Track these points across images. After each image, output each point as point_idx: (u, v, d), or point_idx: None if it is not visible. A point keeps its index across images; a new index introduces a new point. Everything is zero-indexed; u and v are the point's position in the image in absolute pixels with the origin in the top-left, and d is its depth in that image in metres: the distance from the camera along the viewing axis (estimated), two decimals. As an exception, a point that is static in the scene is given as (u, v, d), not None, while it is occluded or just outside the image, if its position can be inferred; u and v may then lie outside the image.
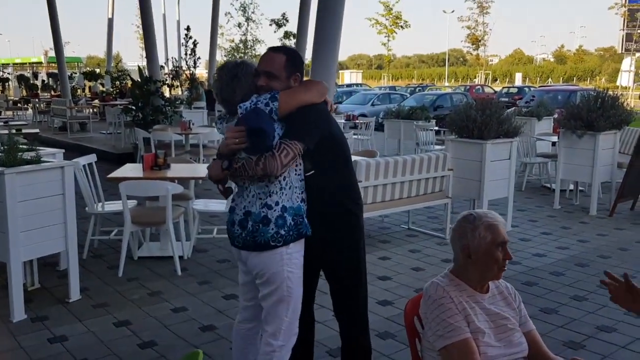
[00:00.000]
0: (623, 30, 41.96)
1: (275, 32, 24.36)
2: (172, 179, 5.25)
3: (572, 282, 4.97)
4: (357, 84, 41.88)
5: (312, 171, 2.51)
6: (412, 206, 6.28)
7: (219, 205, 5.74)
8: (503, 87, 35.50)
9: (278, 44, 22.70)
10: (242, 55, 34.43)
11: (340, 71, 63.94)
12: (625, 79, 38.22)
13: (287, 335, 2.59)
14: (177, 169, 5.76)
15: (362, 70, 73.80)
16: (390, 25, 50.62)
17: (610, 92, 7.72)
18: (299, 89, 2.48)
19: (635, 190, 7.61)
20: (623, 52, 43.23)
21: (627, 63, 39.80)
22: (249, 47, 33.39)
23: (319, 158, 2.51)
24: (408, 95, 24.99)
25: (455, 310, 1.99)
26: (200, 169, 6.06)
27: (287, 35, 23.33)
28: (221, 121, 2.65)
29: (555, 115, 10.16)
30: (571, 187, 8.54)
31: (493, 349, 1.96)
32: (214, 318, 4.16)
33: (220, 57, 30.40)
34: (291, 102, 2.41)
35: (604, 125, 7.17)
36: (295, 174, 2.50)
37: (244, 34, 30.97)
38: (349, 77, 55.66)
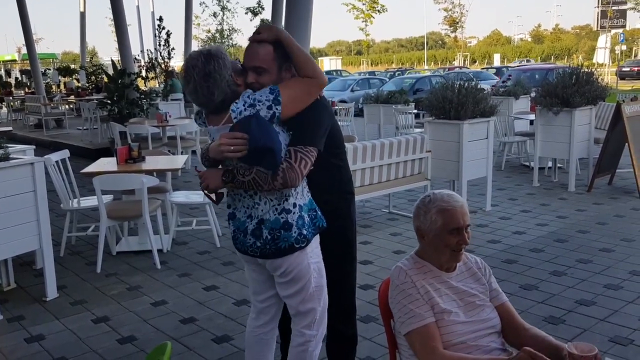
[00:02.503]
0: (598, 7, 42.16)
1: (251, 20, 24.15)
2: (147, 172, 5.17)
3: (551, 258, 5.01)
4: (336, 71, 41.70)
5: (312, 166, 2.35)
6: (392, 189, 6.28)
7: (199, 197, 5.67)
8: (482, 69, 35.60)
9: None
10: (219, 44, 34.23)
11: (319, 58, 63.70)
12: (601, 56, 38.53)
13: (319, 324, 2.52)
14: (153, 161, 5.68)
15: (341, 57, 73.58)
16: (367, 10, 50.47)
17: (585, 68, 7.76)
18: (301, 90, 2.25)
19: (613, 165, 7.69)
20: (598, 29, 43.48)
21: (602, 40, 40.11)
22: (225, 36, 33.10)
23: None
24: (387, 79, 24.93)
25: (416, 296, 1.97)
26: (178, 161, 5.99)
27: (263, 23, 23.12)
28: (200, 115, 2.44)
29: (532, 94, 10.20)
30: (549, 164, 8.60)
31: (462, 326, 1.95)
32: (194, 310, 4.12)
33: (197, 48, 30.10)
34: (295, 108, 2.23)
35: (579, 101, 7.21)
36: None
37: (220, 24, 30.69)
38: (328, 63, 55.41)
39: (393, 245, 5.49)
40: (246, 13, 24.12)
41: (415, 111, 12.08)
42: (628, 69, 37.05)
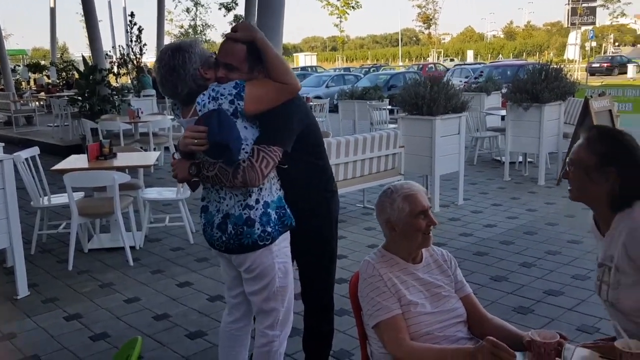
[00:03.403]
0: (568, 4, 42.92)
1: (225, 16, 24.01)
2: (119, 168, 5.12)
3: (521, 250, 5.12)
4: (311, 67, 41.72)
5: (286, 165, 2.35)
6: (366, 184, 6.32)
7: (171, 193, 5.64)
8: (455, 65, 35.96)
9: (228, 28, 22.34)
10: (192, 40, 33.86)
11: (294, 54, 63.59)
12: (571, 52, 39.31)
13: (283, 325, 2.51)
14: (125, 158, 5.63)
15: (316, 53, 73.51)
16: (342, 6, 50.50)
17: (554, 65, 7.91)
18: (269, 91, 2.24)
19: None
20: (569, 26, 44.28)
21: (573, 37, 40.93)
22: (198, 32, 32.79)
23: (294, 149, 2.35)
24: (362, 76, 25.04)
25: (383, 289, 2.00)
26: (150, 157, 5.94)
27: (237, 19, 22.98)
28: (177, 106, 2.44)
29: (504, 90, 10.35)
30: (520, 158, 8.75)
31: (428, 317, 2.00)
32: (167, 306, 4.11)
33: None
34: (260, 107, 2.22)
35: (549, 96, 7.35)
36: None
37: (193, 19, 30.41)
38: (303, 59, 55.37)
39: (367, 240, 5.54)
40: (219, 9, 23.96)
41: (390, 107, 12.14)
42: (598, 65, 37.77)
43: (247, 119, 2.26)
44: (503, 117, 9.17)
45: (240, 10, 23.57)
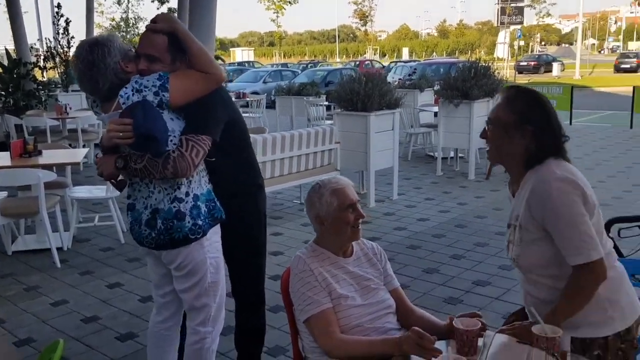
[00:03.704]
0: (498, 4, 44.48)
1: (158, 8, 23.30)
2: (45, 166, 4.91)
3: (452, 242, 5.28)
4: (248, 62, 41.35)
5: (214, 158, 2.33)
6: (302, 180, 6.34)
7: (101, 191, 5.46)
8: (391, 62, 36.61)
9: (162, 21, 21.72)
10: (124, 34, 32.75)
11: (231, 49, 62.87)
12: (501, 50, 40.74)
13: (215, 321, 2.48)
14: (51, 155, 5.40)
15: (253, 48, 72.92)
16: (278, 1, 50.35)
17: (482, 63, 8.19)
18: (194, 82, 2.22)
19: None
20: (499, 25, 45.91)
21: (502, 36, 42.44)
22: (130, 25, 31.81)
23: (220, 143, 2.33)
24: (300, 71, 25.07)
25: (314, 283, 2.02)
26: (78, 155, 5.72)
27: (170, 12, 22.46)
28: (96, 103, 2.36)
29: (436, 87, 10.63)
30: (452, 154, 9.02)
31: (358, 309, 2.03)
32: (97, 308, 3.99)
33: (101, 37, 28.76)
34: (185, 97, 2.19)
35: (478, 93, 7.60)
36: None
37: (125, 12, 29.48)
38: (240, 54, 54.77)
39: (304, 236, 5.56)
40: (152, 1, 23.28)
41: (327, 103, 12.22)
42: (525, 63, 39.36)
43: (172, 111, 2.22)
44: (436, 114, 9.42)
45: (173, 3, 23.04)
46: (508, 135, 1.93)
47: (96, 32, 18.92)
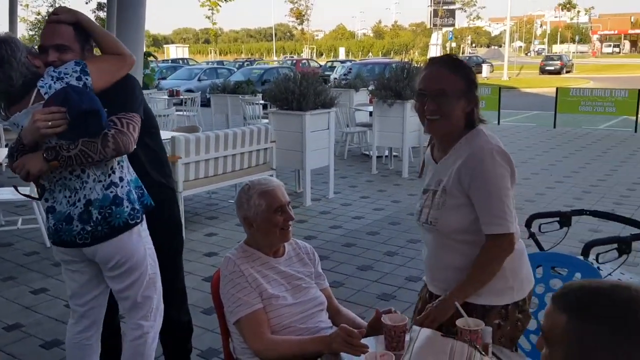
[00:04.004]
0: (431, 6, 45.70)
1: (87, 3, 22.52)
2: (-40, 167, 4.64)
3: (385, 239, 5.38)
4: (183, 59, 40.55)
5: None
6: (238, 180, 6.27)
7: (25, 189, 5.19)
8: (327, 61, 36.87)
9: (91, 16, 21.09)
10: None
11: (165, 46, 61.49)
12: (433, 52, 41.85)
13: (157, 313, 2.42)
14: (-32, 156, 5.11)
15: (188, 45, 71.62)
16: (214, -2, 49.68)
17: (415, 64, 8.39)
18: (110, 64, 2.24)
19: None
20: (432, 27, 47.19)
21: (435, 37, 43.67)
22: (58, 19, 30.37)
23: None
24: (235, 69, 24.84)
25: (244, 284, 2.01)
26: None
27: (100, 7, 21.70)
28: (1, 107, 2.24)
29: (371, 87, 10.79)
30: (386, 153, 9.19)
31: (290, 308, 2.04)
32: (20, 316, 3.80)
33: (25, 32, 27.47)
34: (105, 80, 2.18)
35: (410, 93, 7.77)
36: None
37: (52, 5, 28.16)
38: (174, 51, 53.64)
39: (239, 236, 5.50)
40: (81, -5, 22.45)
41: (263, 102, 12.16)
42: (456, 64, 40.47)
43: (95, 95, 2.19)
44: (371, 113, 9.57)
45: (103, -3, 22.26)
46: (460, 103, 1.94)
47: (20, 26, 18.03)
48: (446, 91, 1.92)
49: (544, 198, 6.79)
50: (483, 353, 1.66)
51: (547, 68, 39.20)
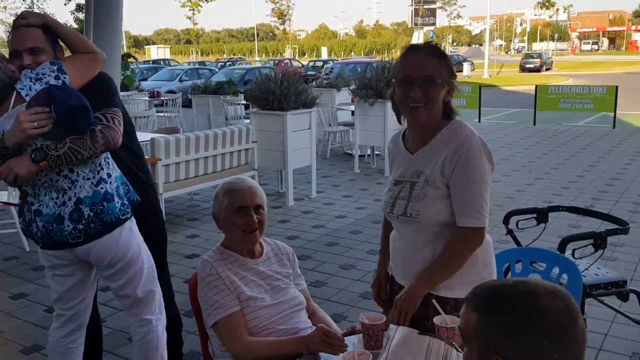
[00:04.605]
0: (412, 5, 45.91)
1: (66, 4, 22.23)
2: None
3: (368, 238, 5.40)
4: (164, 60, 40.28)
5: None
6: (220, 181, 6.23)
7: (2, 197, 5.13)
8: (310, 61, 36.86)
9: (70, 17, 20.93)
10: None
11: (146, 46, 60.99)
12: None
13: (161, 307, 2.42)
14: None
15: (170, 46, 71.15)
16: (194, -2, 49.41)
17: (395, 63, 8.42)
18: (84, 62, 2.26)
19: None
20: (413, 26, 47.41)
21: (416, 36, 43.88)
22: (36, 20, 29.95)
23: None
24: (217, 70, 24.72)
25: (221, 287, 2.00)
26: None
27: (79, 8, 21.45)
28: None
29: (352, 86, 10.81)
30: (369, 152, 9.22)
31: (268, 310, 2.03)
32: (-2, 322, 3.76)
33: (3, 34, 27.09)
34: (82, 78, 2.21)
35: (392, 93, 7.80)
36: None
37: (30, 7, 27.85)
38: (155, 52, 53.26)
39: (221, 238, 5.47)
40: (60, -4, 22.17)
41: (245, 102, 12.12)
42: (438, 63, 40.69)
43: None
44: (353, 112, 9.59)
45: (82, -2, 21.99)
46: (441, 90, 1.92)
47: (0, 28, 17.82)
48: (433, 78, 1.88)
49: (524, 195, 6.86)
50: (460, 350, 1.67)
51: (527, 66, 39.61)
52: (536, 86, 13.77)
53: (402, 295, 1.93)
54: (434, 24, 46.92)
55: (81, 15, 20.95)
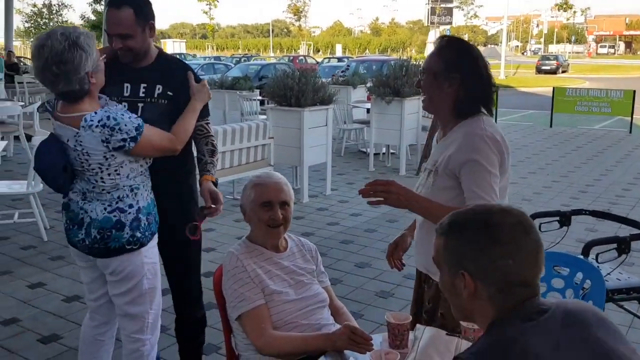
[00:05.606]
0: (428, 4, 45.72)
1: (84, -4, 22.40)
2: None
3: (383, 237, 5.38)
4: (180, 54, 40.41)
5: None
6: (236, 176, 6.28)
7: (21, 186, 5.18)
8: (324, 58, 36.81)
9: (88, 9, 21.08)
10: (47, 21, 31.12)
11: (162, 40, 61.24)
12: (431, 49, 41.88)
13: (153, 328, 2.39)
14: (-35, 148, 5.07)
15: (185, 40, 71.42)
16: (211, -7, 49.51)
17: (414, 61, 8.39)
18: (163, 141, 2.24)
19: (437, 151, 8.42)
20: (429, 25, 47.21)
21: (432, 35, 43.72)
22: (54, 12, 30.23)
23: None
24: (233, 65, 24.77)
25: (246, 280, 2.01)
26: (-4, 148, 5.41)
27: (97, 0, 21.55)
28: (51, 104, 2.20)
29: (369, 84, 10.78)
30: (384, 150, 9.19)
31: (292, 304, 2.04)
32: (16, 310, 3.78)
33: (21, 24, 27.31)
34: (145, 152, 2.19)
35: (409, 91, 7.77)
36: None
37: (49, -2, 28.08)
38: (171, 46, 53.51)
39: (237, 232, 5.50)
40: (78, -12, 22.33)
41: (260, 98, 12.13)
42: (453, 63, 40.50)
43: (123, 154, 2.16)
44: (368, 110, 9.56)
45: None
46: (437, 83, 1.96)
47: (17, 18, 17.93)
48: (427, 71, 2.01)
49: (541, 197, 6.81)
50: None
51: (544, 67, 39.30)
52: (554, 88, 13.65)
53: (406, 194, 1.92)
54: (450, 23, 46.68)
55: (99, 7, 21.08)
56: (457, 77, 1.94)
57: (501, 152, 1.92)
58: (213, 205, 2.32)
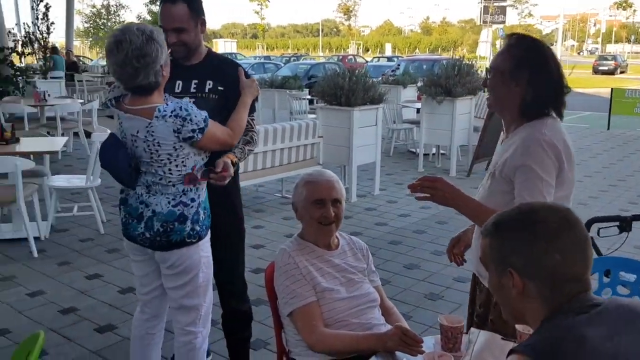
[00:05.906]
0: (481, 3, 44.84)
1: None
2: (22, 154, 4.82)
3: (432, 238, 5.31)
4: (231, 54, 41.05)
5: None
6: (285, 174, 6.33)
7: (80, 181, 5.37)
8: (374, 57, 36.63)
9: (144, 9, 21.61)
10: (105, 21, 32.18)
11: (214, 40, 62.39)
12: (483, 49, 41.09)
13: (205, 321, 2.45)
14: (29, 143, 5.30)
15: (236, 40, 72.48)
16: (263, -6, 50.06)
17: (466, 61, 8.25)
18: (223, 135, 2.30)
19: (490, 152, 8.25)
20: (481, 24, 46.30)
21: (484, 34, 42.86)
22: (112, 12, 31.22)
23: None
24: (282, 64, 24.97)
25: (298, 277, 2.02)
26: (57, 143, 5.63)
27: (153, 0, 22.13)
28: (110, 101, 2.26)
29: (419, 84, 10.67)
30: (434, 150, 9.07)
31: (343, 302, 2.03)
32: (75, 300, 3.93)
33: (80, 24, 28.34)
34: (209, 145, 2.26)
35: (461, 91, 7.65)
36: None
37: (107, -1, 29.03)
38: (223, 46, 54.42)
39: (285, 229, 5.55)
40: (135, -11, 22.99)
41: (309, 97, 12.18)
42: (506, 63, 39.61)
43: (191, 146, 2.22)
44: (418, 110, 9.46)
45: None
46: (503, 81, 1.90)
47: (76, 19, 18.60)
48: (494, 68, 1.95)
49: (597, 202, 6.57)
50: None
51: (601, 68, 37.99)
52: (612, 89, 13.16)
53: (453, 191, 1.92)
54: (503, 22, 45.61)
55: (155, 8, 21.64)
56: (525, 75, 1.87)
57: (559, 159, 1.85)
58: (218, 170, 2.30)
